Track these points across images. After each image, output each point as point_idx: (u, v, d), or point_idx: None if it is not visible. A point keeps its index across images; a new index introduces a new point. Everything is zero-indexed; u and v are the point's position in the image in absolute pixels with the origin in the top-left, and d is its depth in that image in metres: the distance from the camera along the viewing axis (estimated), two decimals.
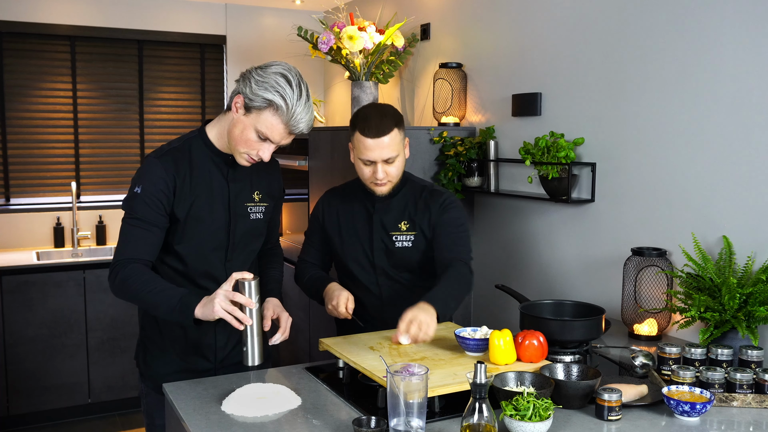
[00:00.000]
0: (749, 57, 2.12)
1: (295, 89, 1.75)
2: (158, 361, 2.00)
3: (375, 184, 2.08)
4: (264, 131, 1.78)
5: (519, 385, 1.64)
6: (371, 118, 2.02)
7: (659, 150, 2.43)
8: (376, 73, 3.65)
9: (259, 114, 1.76)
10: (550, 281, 2.95)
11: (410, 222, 2.14)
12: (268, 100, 1.74)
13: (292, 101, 1.74)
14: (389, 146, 2.02)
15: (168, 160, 1.86)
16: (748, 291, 1.97)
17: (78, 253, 4.33)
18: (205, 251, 1.93)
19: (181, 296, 1.75)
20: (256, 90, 1.75)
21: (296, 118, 1.76)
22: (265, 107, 1.75)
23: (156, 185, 1.83)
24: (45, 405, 3.89)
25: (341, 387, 1.80)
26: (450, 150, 3.19)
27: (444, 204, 2.14)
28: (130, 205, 1.84)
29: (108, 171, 4.53)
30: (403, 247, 2.13)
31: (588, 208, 2.74)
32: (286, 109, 1.74)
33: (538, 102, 2.94)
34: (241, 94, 1.78)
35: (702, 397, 1.62)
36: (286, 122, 1.76)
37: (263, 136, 1.79)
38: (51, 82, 4.35)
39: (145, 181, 1.83)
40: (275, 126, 1.77)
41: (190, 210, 1.88)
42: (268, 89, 1.74)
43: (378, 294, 2.17)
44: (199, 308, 1.72)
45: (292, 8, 4.83)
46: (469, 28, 3.40)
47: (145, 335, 2.04)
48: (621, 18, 2.56)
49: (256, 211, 2.00)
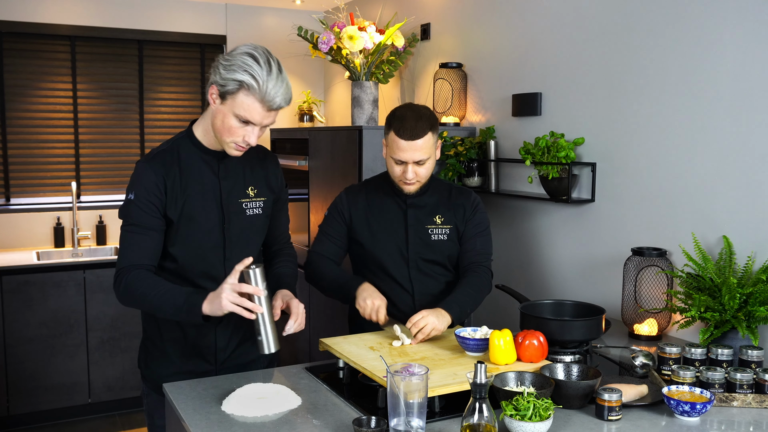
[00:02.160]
0: (749, 57, 2.12)
1: (264, 65, 1.72)
2: (159, 363, 2.00)
3: (404, 183, 2.13)
4: (242, 114, 1.75)
5: (519, 385, 1.64)
6: (407, 119, 2.05)
7: (659, 150, 2.43)
8: (377, 73, 3.65)
9: (234, 98, 1.74)
10: (550, 281, 2.95)
11: (444, 216, 2.21)
12: (239, 81, 1.71)
13: (262, 78, 1.71)
14: (422, 149, 2.06)
15: (157, 163, 1.87)
16: (748, 291, 1.97)
17: (78, 253, 4.33)
18: (202, 251, 1.92)
19: (187, 295, 1.75)
20: (225, 75, 1.73)
21: (270, 94, 1.73)
22: (237, 89, 1.73)
23: (148, 189, 1.84)
24: (45, 405, 3.89)
25: (341, 387, 1.80)
26: (450, 150, 3.19)
27: (475, 204, 2.25)
28: (126, 213, 1.86)
29: (108, 171, 4.53)
30: (439, 240, 2.19)
31: (588, 208, 2.74)
32: (257, 86, 1.71)
33: (538, 102, 2.94)
34: (213, 83, 1.77)
35: (702, 397, 1.62)
36: (261, 99, 1.73)
37: (243, 120, 1.76)
38: (51, 82, 4.35)
39: (137, 187, 1.85)
40: (251, 106, 1.74)
41: (183, 210, 1.87)
42: (237, 71, 1.72)
43: (409, 288, 2.19)
44: (206, 304, 1.71)
45: (292, 8, 4.83)
46: (469, 28, 3.40)
47: (147, 337, 2.04)
48: (621, 18, 2.56)
49: (252, 206, 1.97)
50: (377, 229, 2.19)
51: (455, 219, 2.21)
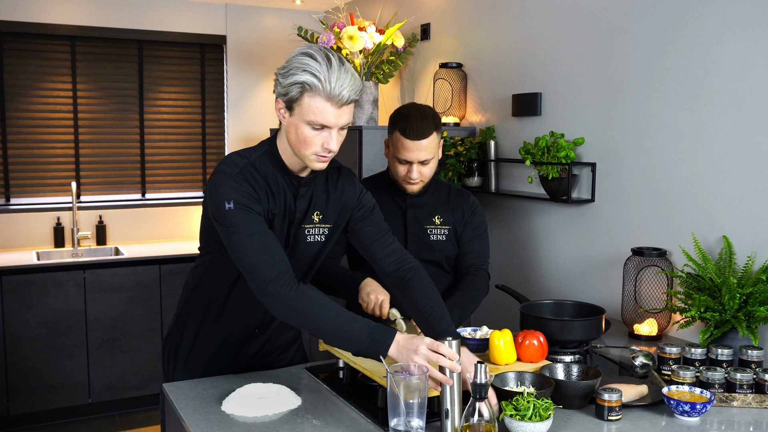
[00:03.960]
0: (749, 57, 2.12)
1: (322, 61, 1.58)
2: (180, 363, 1.95)
3: (407, 182, 2.13)
4: (314, 119, 1.59)
5: (519, 385, 1.64)
6: (413, 119, 2.06)
7: (659, 150, 2.43)
8: (377, 73, 3.65)
9: (300, 105, 1.60)
10: (550, 281, 2.95)
11: (443, 217, 2.22)
12: (300, 83, 1.58)
13: (322, 73, 1.56)
14: (427, 149, 2.07)
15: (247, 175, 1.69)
16: (748, 291, 1.97)
17: (78, 253, 4.33)
18: None
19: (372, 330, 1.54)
20: (284, 82, 1.60)
21: (336, 89, 1.57)
22: (301, 93, 1.59)
23: (246, 196, 1.65)
24: (45, 405, 3.89)
25: (341, 387, 1.80)
26: (450, 150, 3.19)
27: (473, 206, 2.26)
28: (230, 222, 1.62)
29: (108, 171, 4.53)
30: (437, 240, 2.20)
31: (588, 208, 2.74)
32: (320, 84, 1.57)
33: (538, 102, 2.94)
34: (278, 96, 1.64)
35: (702, 397, 1.62)
36: (327, 97, 1.57)
37: (317, 125, 1.60)
38: (51, 82, 4.34)
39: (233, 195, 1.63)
40: (320, 107, 1.58)
41: None
42: (295, 73, 1.58)
43: None
44: (394, 347, 1.52)
45: (292, 8, 4.82)
46: (469, 28, 3.40)
47: (180, 338, 1.95)
48: (621, 18, 2.56)
49: (314, 233, 1.80)
50: None
51: (454, 220, 2.22)
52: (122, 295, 4.01)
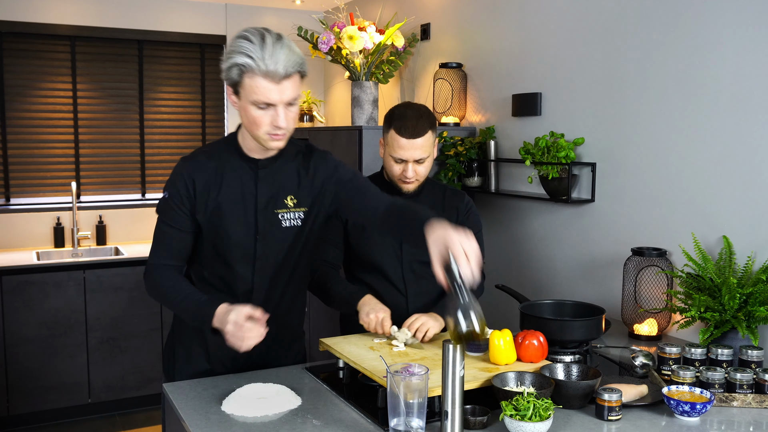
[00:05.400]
0: (749, 57, 2.12)
1: (256, 40, 1.63)
2: (178, 361, 1.98)
3: (403, 181, 2.14)
4: (256, 98, 1.64)
5: (519, 385, 1.64)
6: (408, 118, 2.07)
7: (659, 150, 2.43)
8: (376, 73, 3.65)
9: (243, 87, 1.65)
10: (550, 281, 2.95)
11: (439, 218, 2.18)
12: (237, 65, 1.63)
13: (255, 53, 1.61)
14: (422, 147, 2.08)
15: (192, 162, 1.82)
16: (748, 291, 1.97)
17: (78, 253, 4.33)
18: (231, 263, 1.83)
19: (198, 305, 1.72)
20: (225, 66, 1.67)
21: (269, 63, 1.61)
22: (240, 75, 1.64)
23: (179, 188, 1.80)
24: (45, 405, 3.89)
25: (341, 387, 1.80)
26: (450, 150, 3.19)
27: (468, 206, 2.26)
28: (160, 208, 1.84)
29: (108, 171, 4.53)
30: None
31: (588, 208, 2.74)
32: (254, 62, 1.61)
33: (538, 102, 2.94)
34: (224, 81, 1.72)
35: (702, 397, 1.62)
36: (264, 74, 1.62)
37: (262, 104, 1.65)
38: (51, 82, 4.35)
39: (171, 185, 1.82)
40: (260, 85, 1.63)
41: (211, 216, 1.79)
42: (231, 56, 1.65)
43: (402, 289, 2.19)
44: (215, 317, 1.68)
45: (292, 8, 4.83)
46: (469, 28, 3.40)
47: (174, 335, 2.02)
48: (621, 18, 2.56)
49: (290, 217, 1.85)
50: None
51: (449, 221, 2.20)
52: (122, 295, 4.01)
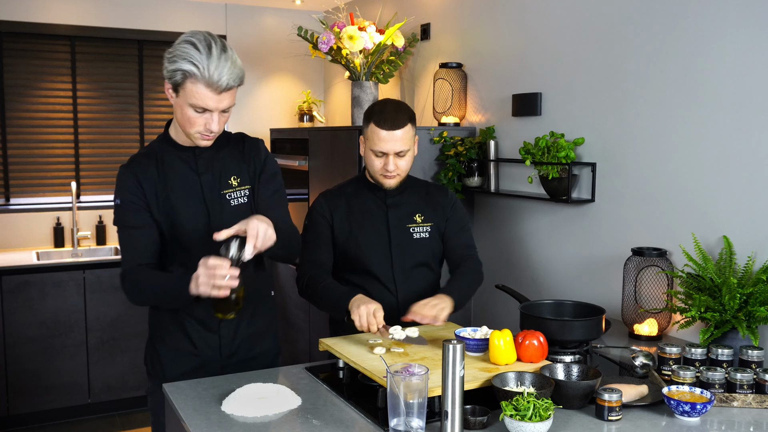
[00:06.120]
0: (749, 57, 2.12)
1: (203, 50, 1.72)
2: (164, 361, 1.99)
3: (384, 176, 2.14)
4: (195, 102, 1.75)
5: (519, 385, 1.64)
6: (387, 111, 2.09)
7: (659, 150, 2.43)
8: (376, 73, 3.64)
9: (184, 89, 1.75)
10: (550, 281, 2.94)
11: (424, 215, 2.23)
12: (182, 71, 1.73)
13: (202, 63, 1.71)
14: (402, 139, 2.09)
15: (134, 166, 1.90)
16: (748, 291, 1.97)
17: (78, 253, 4.33)
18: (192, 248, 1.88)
19: (177, 279, 1.78)
20: (169, 67, 1.75)
21: (214, 77, 1.71)
22: (183, 80, 1.74)
23: (130, 191, 1.87)
24: (45, 405, 3.89)
25: (341, 387, 1.80)
26: (450, 150, 3.19)
27: (452, 201, 2.28)
28: (116, 218, 1.90)
29: (108, 171, 4.53)
30: (421, 238, 2.21)
31: (588, 208, 2.74)
32: (199, 72, 1.71)
33: (538, 102, 2.94)
34: (165, 78, 1.79)
35: (702, 397, 1.62)
36: (207, 84, 1.72)
37: (199, 108, 1.76)
38: (51, 82, 4.35)
39: (121, 191, 1.88)
40: (201, 93, 1.73)
41: (165, 210, 1.88)
42: (177, 61, 1.73)
43: (393, 289, 2.18)
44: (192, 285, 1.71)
45: (292, 8, 4.82)
46: (469, 28, 3.40)
47: (152, 334, 2.04)
48: (621, 18, 2.55)
49: (237, 196, 1.94)
50: (359, 231, 2.18)
51: (435, 217, 2.24)
52: (122, 295, 3.94)
